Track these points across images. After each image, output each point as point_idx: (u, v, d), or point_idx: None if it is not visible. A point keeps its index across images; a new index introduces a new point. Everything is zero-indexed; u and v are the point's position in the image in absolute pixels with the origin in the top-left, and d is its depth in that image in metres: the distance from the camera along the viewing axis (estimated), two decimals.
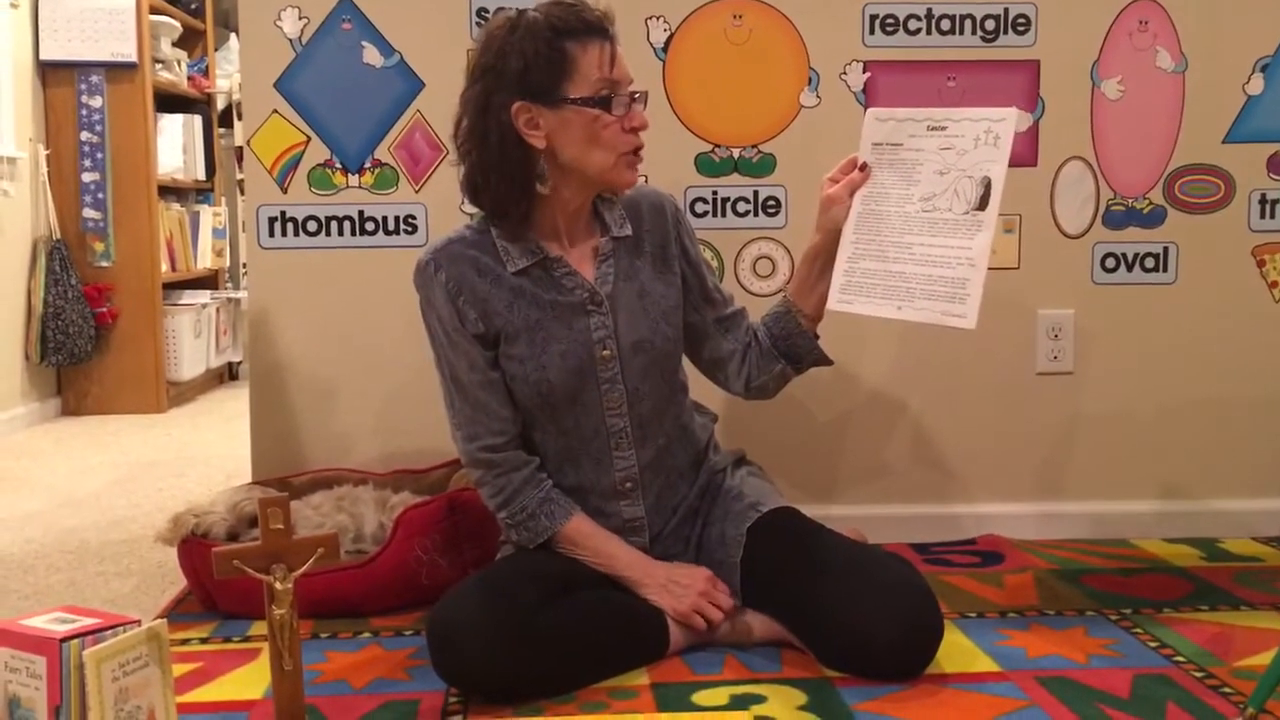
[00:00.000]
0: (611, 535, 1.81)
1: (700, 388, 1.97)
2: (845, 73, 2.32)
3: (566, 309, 1.77)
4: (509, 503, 1.78)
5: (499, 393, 1.78)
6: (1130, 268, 2.38)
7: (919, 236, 1.73)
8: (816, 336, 1.87)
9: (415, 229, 2.31)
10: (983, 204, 1.70)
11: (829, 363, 1.91)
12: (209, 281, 5.08)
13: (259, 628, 1.88)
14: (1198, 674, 1.68)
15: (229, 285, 5.30)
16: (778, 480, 2.02)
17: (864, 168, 1.80)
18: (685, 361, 1.91)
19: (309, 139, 2.29)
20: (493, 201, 1.75)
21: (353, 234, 2.31)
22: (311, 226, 2.31)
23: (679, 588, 1.77)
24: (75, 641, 1.33)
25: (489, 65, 1.71)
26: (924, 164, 1.75)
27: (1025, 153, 2.32)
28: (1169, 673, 1.69)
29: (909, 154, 1.77)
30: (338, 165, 2.30)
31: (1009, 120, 1.71)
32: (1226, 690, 1.62)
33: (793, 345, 1.86)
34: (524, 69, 1.67)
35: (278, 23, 2.26)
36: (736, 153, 2.33)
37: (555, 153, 1.72)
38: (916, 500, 2.41)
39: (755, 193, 2.34)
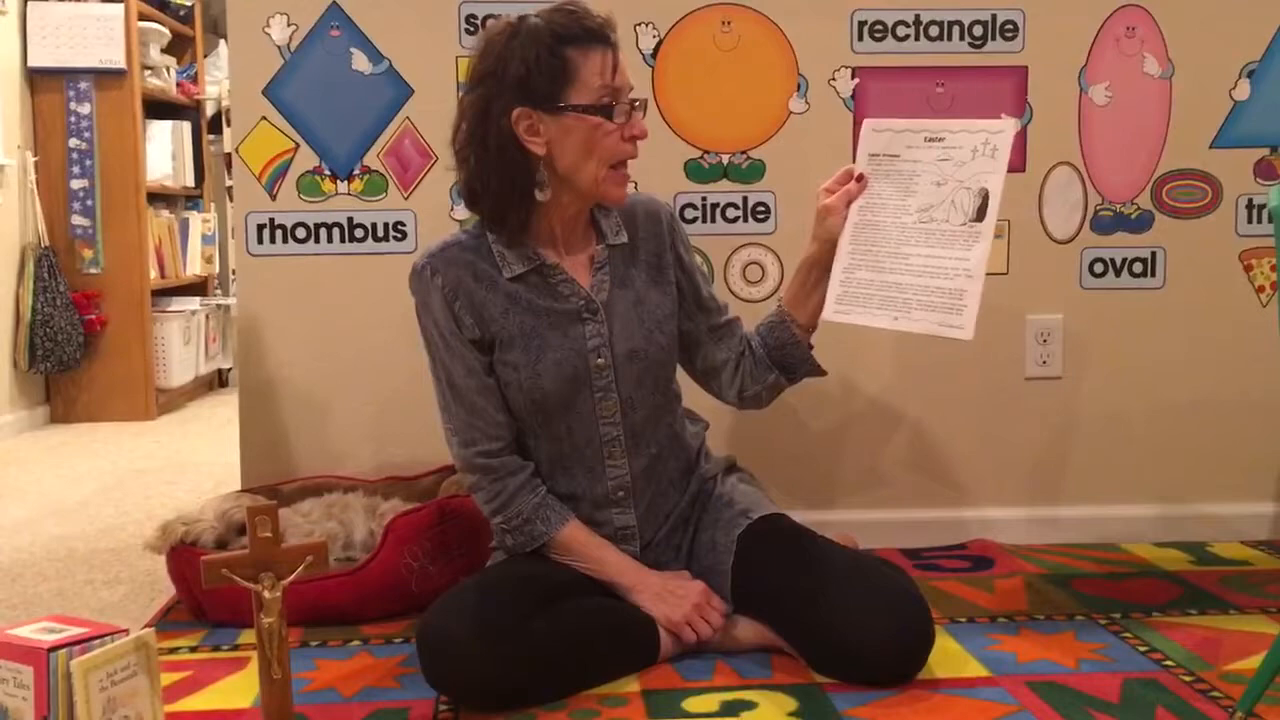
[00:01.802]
0: (605, 542, 1.81)
1: (692, 395, 1.97)
2: (834, 79, 2.32)
3: (562, 317, 1.77)
4: (504, 508, 1.78)
5: (495, 398, 1.78)
6: (1118, 273, 2.39)
7: (916, 247, 1.73)
8: (810, 347, 1.87)
9: (404, 235, 2.31)
10: (980, 215, 1.70)
11: (822, 373, 1.91)
12: (198, 288, 5.06)
13: (248, 636, 1.87)
14: (1187, 678, 1.68)
15: (218, 292, 5.29)
16: (769, 485, 2.02)
17: (860, 178, 1.80)
18: (678, 370, 1.91)
19: (297, 146, 2.29)
20: (492, 208, 1.75)
21: (342, 241, 2.31)
22: (300, 233, 2.30)
23: (673, 597, 1.77)
24: (63, 651, 1.33)
25: (489, 71, 1.70)
26: (921, 175, 1.75)
27: (1013, 158, 2.29)
28: (1158, 677, 1.69)
29: (906, 165, 1.77)
30: (327, 172, 2.30)
31: (1006, 132, 1.71)
32: (1215, 694, 1.62)
33: (786, 355, 1.86)
34: (525, 75, 1.67)
35: (266, 29, 2.26)
36: (726, 159, 2.34)
37: (554, 160, 1.71)
38: (907, 505, 2.41)
39: (745, 199, 2.34)
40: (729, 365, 1.90)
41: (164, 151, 4.72)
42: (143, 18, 4.48)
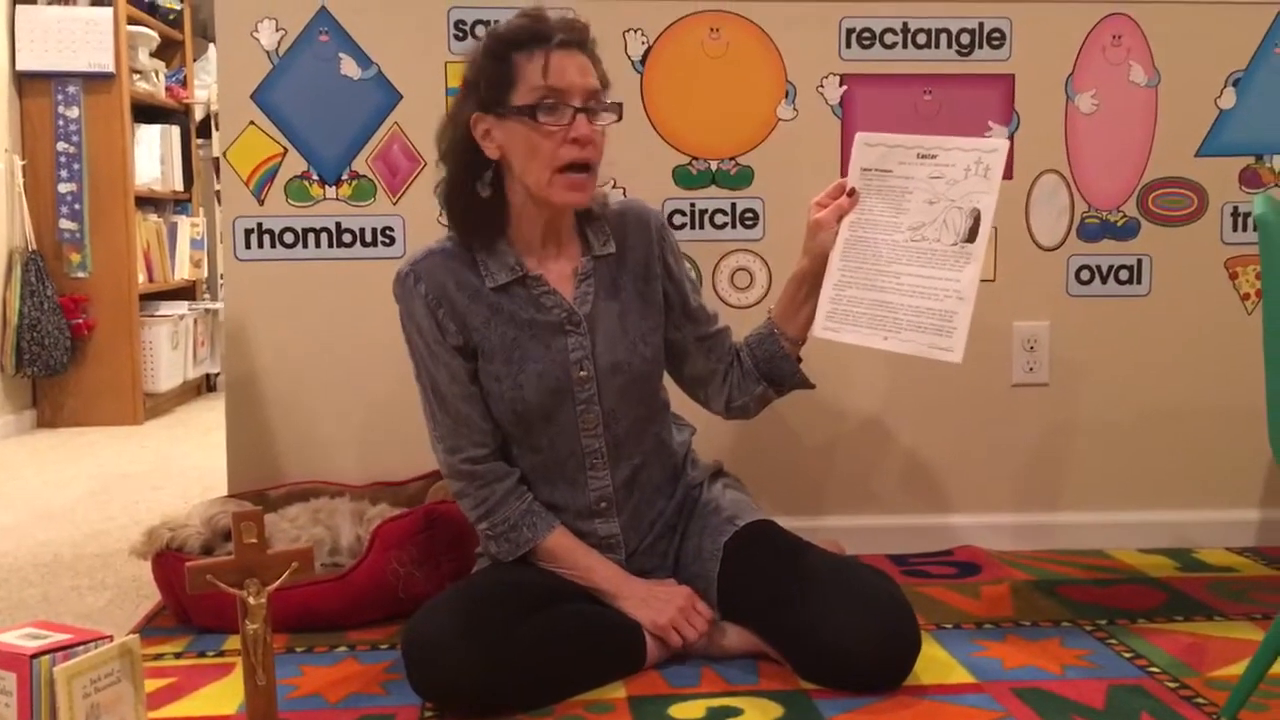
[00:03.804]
0: (591, 549, 1.80)
1: (680, 401, 1.96)
2: (822, 86, 2.33)
3: (544, 328, 1.77)
4: (490, 514, 1.77)
5: (480, 405, 1.78)
6: (1104, 280, 2.40)
7: (907, 266, 1.72)
8: (799, 360, 1.87)
9: (393, 241, 2.31)
10: (972, 236, 1.69)
11: (811, 386, 1.90)
12: (187, 292, 5.05)
13: (234, 642, 1.86)
14: (1172, 684, 1.69)
15: (207, 296, 5.28)
16: (756, 492, 2.02)
17: (852, 193, 1.79)
18: (665, 376, 1.91)
19: (286, 150, 2.29)
20: (462, 214, 1.76)
21: (330, 246, 2.30)
22: (288, 238, 2.30)
23: (658, 601, 1.77)
24: (46, 658, 1.32)
25: (464, 80, 1.75)
26: (913, 192, 1.74)
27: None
28: (1143, 683, 1.70)
29: (898, 181, 1.76)
30: (315, 177, 2.30)
31: (1000, 152, 1.70)
32: (1200, 701, 1.63)
33: (775, 368, 1.86)
34: (477, 81, 1.71)
35: (255, 34, 2.26)
36: (714, 165, 2.34)
37: (509, 165, 1.73)
38: (894, 511, 2.41)
39: (733, 205, 2.35)
40: (717, 376, 1.89)
41: (153, 155, 4.72)
42: (132, 21, 4.47)
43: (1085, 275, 2.40)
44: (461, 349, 1.76)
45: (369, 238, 2.31)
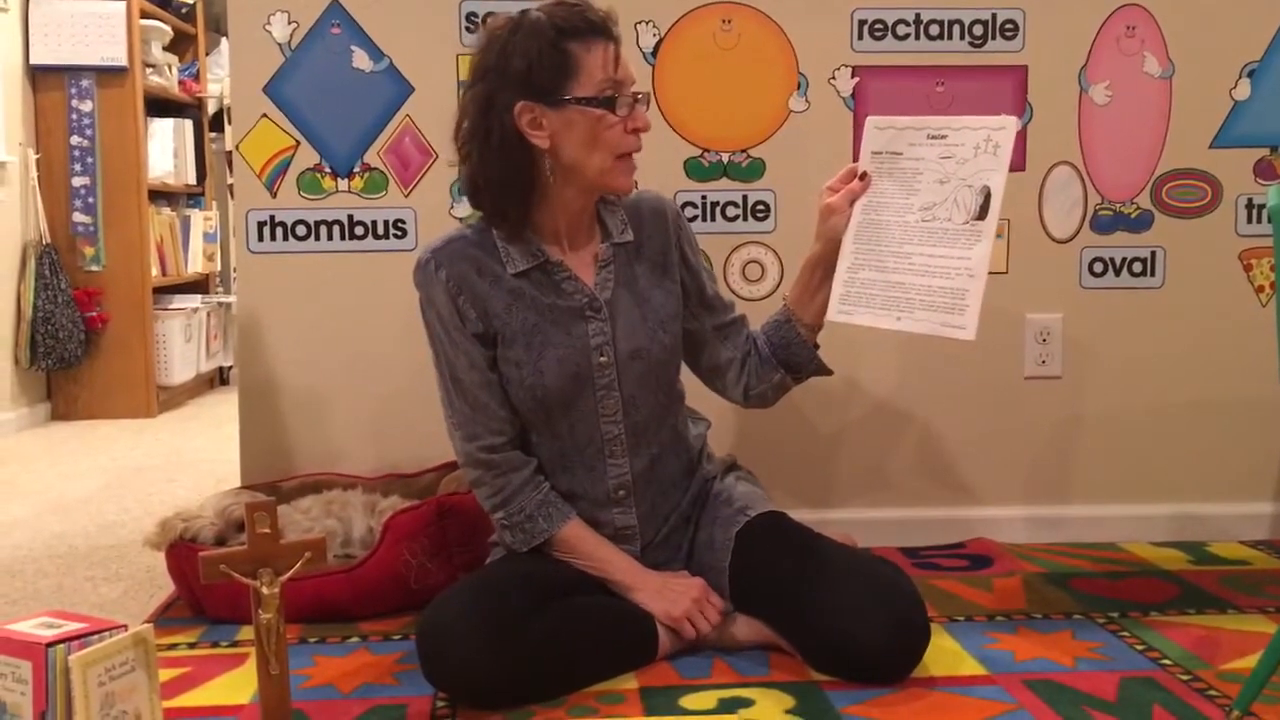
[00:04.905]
0: (605, 540, 1.81)
1: (695, 394, 1.96)
2: (834, 78, 2.33)
3: (565, 314, 1.77)
4: (507, 503, 1.78)
5: (498, 393, 1.78)
6: (1118, 272, 2.39)
7: (918, 246, 1.73)
8: (816, 346, 1.87)
9: (405, 233, 2.31)
10: (982, 213, 1.69)
11: (828, 372, 1.91)
12: (200, 286, 5.07)
13: (247, 632, 1.87)
14: (1184, 677, 1.69)
15: (220, 289, 5.29)
16: (769, 484, 2.02)
17: (863, 176, 1.79)
18: (682, 369, 1.91)
19: (298, 143, 2.29)
20: (493, 202, 1.75)
21: (342, 238, 2.31)
22: (301, 231, 2.30)
23: (672, 593, 1.77)
24: (61, 646, 1.33)
25: (491, 65, 1.70)
26: (924, 173, 1.75)
27: (1014, 157, 2.30)
28: (1155, 676, 1.69)
29: (909, 163, 1.76)
30: (327, 169, 2.30)
31: (1009, 129, 1.71)
32: (1213, 693, 1.63)
33: (792, 354, 1.86)
34: (528, 69, 1.67)
35: (267, 27, 2.26)
36: (726, 157, 2.34)
37: (558, 153, 1.71)
38: (906, 504, 2.41)
39: (744, 197, 2.34)
40: (734, 364, 1.90)
41: (166, 149, 4.73)
42: (144, 15, 4.48)
43: (1098, 267, 2.39)
44: (481, 336, 1.76)
45: (381, 230, 2.31)
